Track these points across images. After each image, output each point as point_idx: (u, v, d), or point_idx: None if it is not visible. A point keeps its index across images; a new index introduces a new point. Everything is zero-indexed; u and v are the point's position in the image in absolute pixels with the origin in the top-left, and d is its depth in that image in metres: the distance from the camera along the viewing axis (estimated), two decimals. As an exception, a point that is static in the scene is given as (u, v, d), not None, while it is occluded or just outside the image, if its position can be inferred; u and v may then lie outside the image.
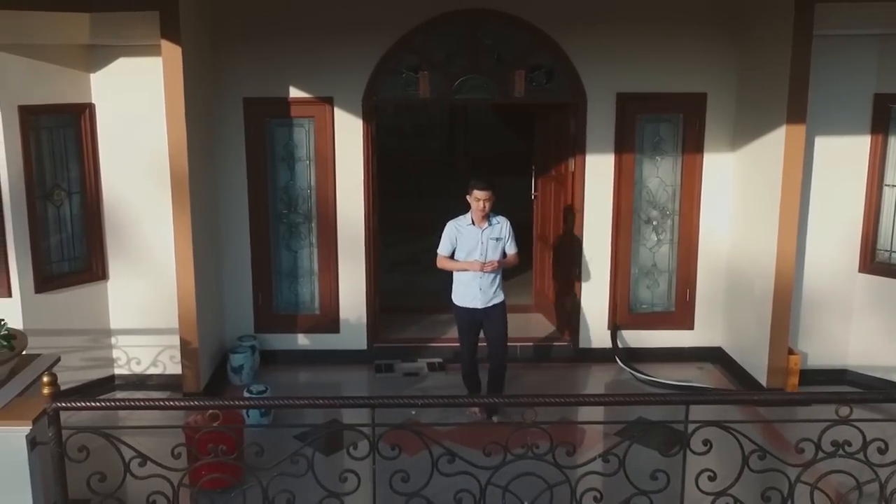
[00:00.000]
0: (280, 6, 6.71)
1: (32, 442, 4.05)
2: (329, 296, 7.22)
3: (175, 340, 6.48)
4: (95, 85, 6.40)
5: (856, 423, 3.97)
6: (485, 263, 5.77)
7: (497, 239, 5.89)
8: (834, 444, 3.97)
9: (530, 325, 7.78)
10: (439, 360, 7.20)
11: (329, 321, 7.24)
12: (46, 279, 6.23)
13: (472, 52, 6.84)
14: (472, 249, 5.86)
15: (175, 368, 6.59)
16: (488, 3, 6.70)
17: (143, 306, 6.67)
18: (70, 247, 6.48)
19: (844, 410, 3.89)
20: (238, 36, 6.75)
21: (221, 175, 6.91)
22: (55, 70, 6.16)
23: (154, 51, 6.13)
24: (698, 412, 4.02)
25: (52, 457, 3.99)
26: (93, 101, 6.41)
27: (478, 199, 5.75)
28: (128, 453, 3.94)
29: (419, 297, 8.42)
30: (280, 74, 6.84)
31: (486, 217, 5.83)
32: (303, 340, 7.27)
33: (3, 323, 4.19)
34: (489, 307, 5.96)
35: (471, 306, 5.95)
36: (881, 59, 6.31)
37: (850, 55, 6.34)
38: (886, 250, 6.53)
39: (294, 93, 6.88)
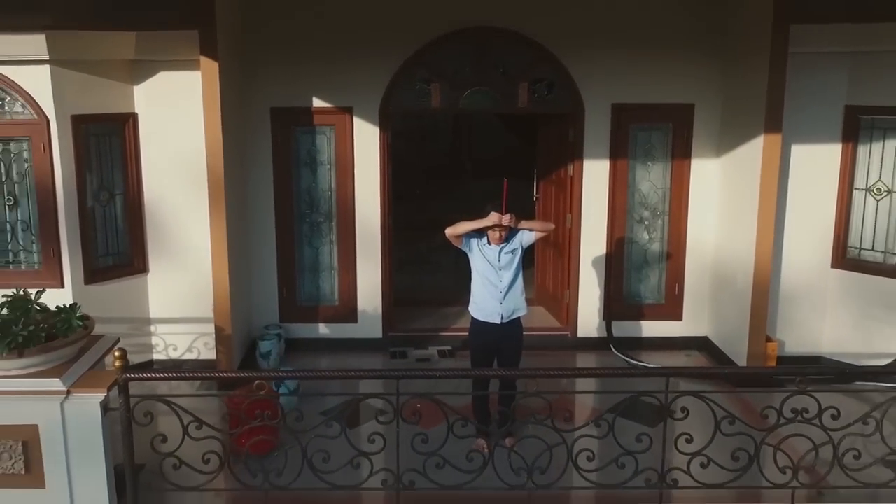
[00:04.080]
0: (304, 25, 7.35)
1: (105, 408, 4.70)
2: (347, 289, 7.87)
3: (208, 328, 7.13)
4: (138, 96, 7.05)
5: (813, 394, 4.65)
6: (497, 224, 5.59)
7: (513, 251, 5.76)
8: (794, 411, 4.63)
9: (533, 318, 8.36)
10: (449, 347, 7.84)
11: (347, 312, 7.89)
12: (94, 272, 6.88)
13: (479, 66, 7.48)
14: (485, 269, 5.75)
15: (208, 354, 7.24)
16: (494, 22, 7.34)
17: (179, 297, 7.32)
18: (114, 243, 7.14)
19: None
20: (266, 51, 7.39)
21: (251, 178, 7.56)
22: (103, 83, 6.81)
23: (192, 65, 6.77)
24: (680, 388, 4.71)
25: (121, 421, 4.66)
26: (136, 111, 7.07)
27: (496, 223, 5.62)
28: (186, 418, 4.61)
29: (429, 292, 9.06)
30: (304, 86, 7.49)
31: (505, 237, 5.74)
32: (323, 329, 7.92)
33: (77, 306, 4.84)
34: (510, 322, 5.80)
35: (486, 319, 5.80)
36: (851, 74, 6.95)
37: (822, 70, 6.98)
38: (856, 248, 7.17)
39: (317, 103, 7.53)
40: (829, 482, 4.92)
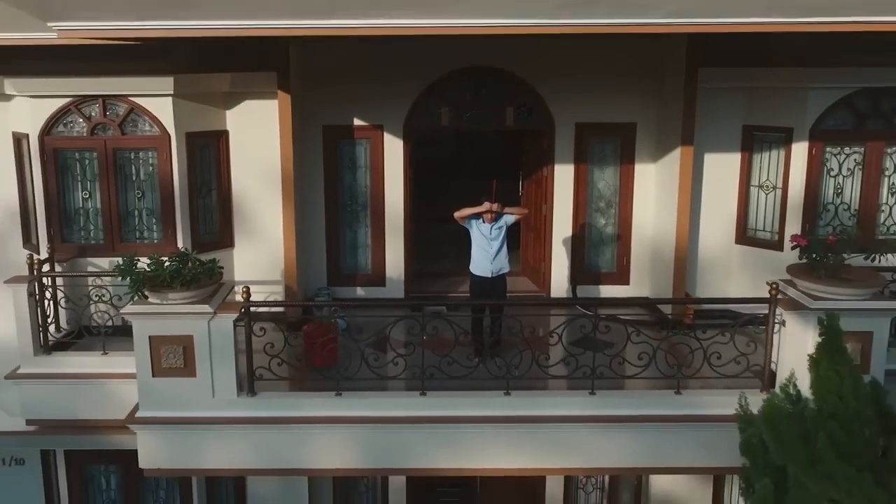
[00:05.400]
0: (347, 64, 9.93)
1: (235, 324, 7.34)
2: (378, 261, 10.46)
3: (277, 289, 9.75)
4: (229, 118, 9.67)
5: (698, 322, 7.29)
6: (488, 209, 8.17)
7: (500, 228, 8.36)
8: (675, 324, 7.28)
9: (518, 284, 11.00)
10: (454, 305, 10.43)
11: (378, 278, 10.48)
12: (198, 244, 9.45)
13: (477, 95, 10.07)
14: (480, 239, 8.35)
15: (277, 308, 9.84)
16: (488, 63, 9.91)
17: (255, 265, 9.91)
18: (211, 224, 9.76)
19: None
20: (320, 84, 9.97)
21: (308, 178, 10.13)
22: (206, 109, 9.44)
23: (268, 95, 9.39)
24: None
25: (245, 333, 7.32)
26: (227, 129, 9.70)
27: (489, 210, 8.32)
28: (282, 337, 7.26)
29: (438, 266, 11.68)
30: (347, 110, 10.09)
31: (494, 219, 8.38)
32: (360, 291, 10.52)
33: (217, 260, 7.47)
34: (497, 277, 8.45)
35: (481, 274, 8.44)
36: (746, 102, 9.55)
37: (726, 99, 9.56)
38: (753, 229, 9.78)
39: (356, 122, 10.14)
40: (701, 373, 7.51)
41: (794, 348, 7.12)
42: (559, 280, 10.55)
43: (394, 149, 10.17)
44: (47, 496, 10.48)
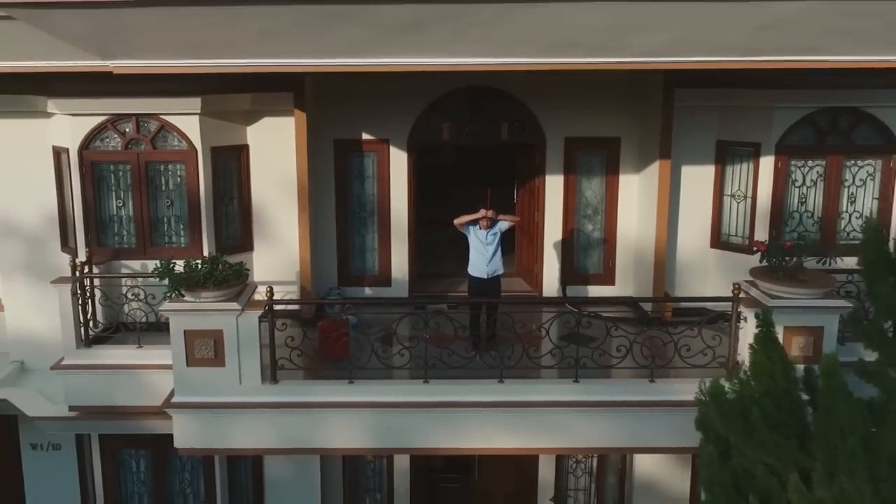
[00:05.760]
0: (357, 84, 10.86)
1: (259, 320, 8.30)
2: (384, 263, 11.41)
3: (292, 288, 10.70)
4: (250, 133, 10.62)
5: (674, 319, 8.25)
6: (483, 216, 9.18)
7: (494, 234, 9.42)
8: (651, 321, 8.24)
9: (513, 284, 11.97)
10: (454, 304, 11.39)
11: (384, 279, 11.43)
12: (221, 248, 10.39)
13: (474, 112, 11.03)
14: (477, 244, 9.41)
15: (293, 305, 10.80)
16: (485, 83, 10.84)
17: (273, 267, 10.84)
18: (233, 230, 10.71)
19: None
20: (332, 101, 10.93)
21: (320, 187, 11.08)
22: (229, 125, 10.39)
23: (285, 113, 10.32)
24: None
25: (269, 328, 8.28)
26: (248, 143, 10.66)
27: (485, 217, 9.38)
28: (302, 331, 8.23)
29: (439, 268, 12.64)
30: (356, 125, 11.05)
31: (489, 225, 9.43)
32: (368, 291, 11.48)
33: (243, 263, 8.44)
34: (493, 278, 9.56)
35: (478, 275, 9.50)
36: (719, 119, 10.50)
37: (701, 117, 10.50)
38: (726, 234, 10.73)
39: (365, 136, 11.09)
40: (673, 364, 8.47)
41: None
42: (550, 281, 11.50)
43: (399, 161, 11.12)
44: (81, 478, 11.46)
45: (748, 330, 8.22)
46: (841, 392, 5.36)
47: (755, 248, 8.52)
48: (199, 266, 8.28)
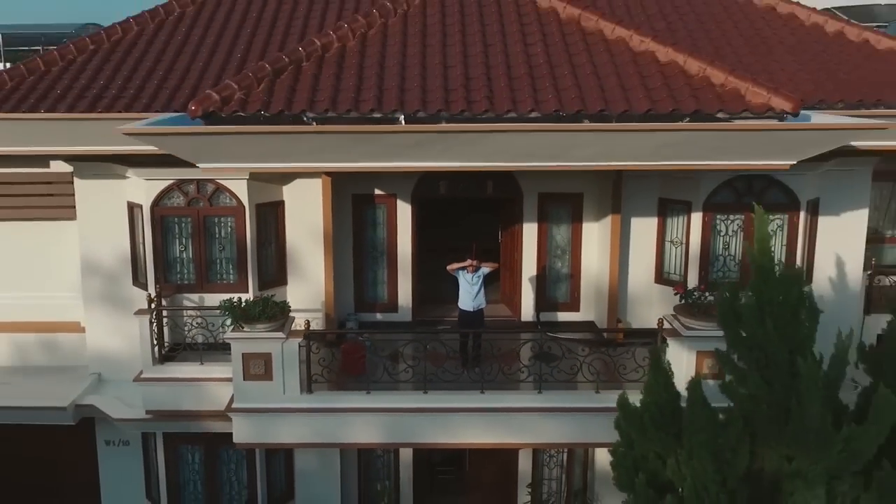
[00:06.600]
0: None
1: (299, 346, 10.95)
2: (392, 293, 14.00)
3: (318, 314, 13.34)
4: (285, 191, 13.27)
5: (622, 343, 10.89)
6: (469, 265, 11.86)
7: (479, 276, 12.19)
8: (594, 345, 10.86)
9: (497, 310, 14.59)
10: (448, 326, 14.03)
11: (392, 305, 14.04)
12: (263, 283, 13.05)
13: (467, 173, 13.64)
14: (465, 285, 12.16)
15: (318, 327, 13.41)
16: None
17: (302, 297, 13.44)
18: (271, 268, 13.35)
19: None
20: (350, 164, 13.57)
21: (341, 233, 13.68)
22: (269, 186, 13.02)
23: (314, 175, 12.97)
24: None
25: (306, 352, 10.94)
26: (283, 199, 13.31)
27: (471, 265, 12.11)
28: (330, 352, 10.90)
29: (438, 296, 15.28)
30: (370, 183, 13.62)
31: (474, 270, 12.14)
32: (378, 316, 14.10)
33: (286, 302, 11.09)
34: (477, 311, 12.27)
35: (466, 308, 12.30)
36: (661, 182, 13.06)
37: (647, 180, 13.06)
38: (667, 272, 13.34)
39: (377, 191, 13.71)
40: (613, 379, 11.07)
41: (673, 364, 10.69)
42: (527, 307, 14.13)
43: (404, 211, 13.74)
44: (146, 468, 14.12)
45: (670, 353, 10.85)
46: (699, 403, 7.93)
47: (675, 292, 11.12)
48: (254, 305, 10.92)
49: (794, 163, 9.78)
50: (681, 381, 9.88)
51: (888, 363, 8.44)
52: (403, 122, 9.08)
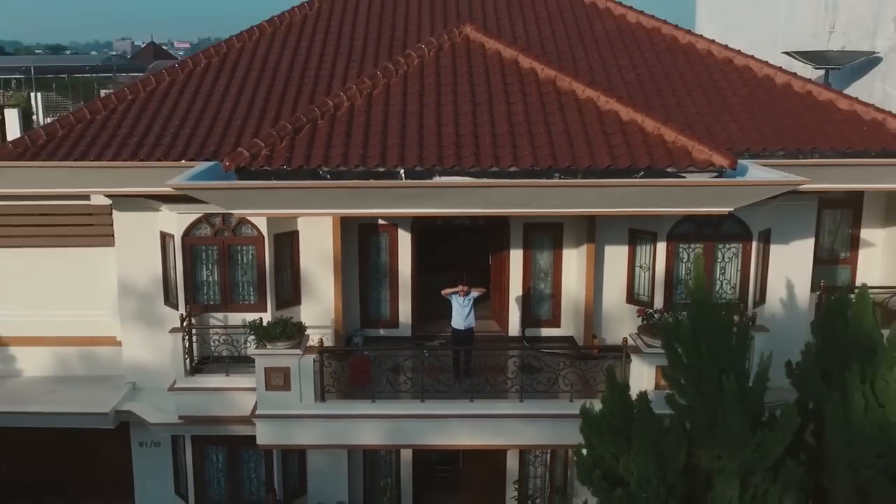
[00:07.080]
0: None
1: (314, 361, 12.71)
2: (394, 311, 15.75)
3: (328, 331, 15.10)
4: (300, 223, 15.01)
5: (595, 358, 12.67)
6: (461, 290, 13.68)
7: (469, 299, 13.95)
8: (576, 359, 12.63)
9: (488, 325, 16.33)
10: (444, 341, 15.76)
11: (394, 322, 15.78)
12: (279, 303, 14.80)
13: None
14: (457, 307, 13.96)
15: (329, 342, 15.16)
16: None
17: (314, 315, 15.18)
18: (287, 290, 15.10)
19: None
20: (357, 197, 15.33)
21: (348, 258, 15.43)
22: (286, 219, 14.79)
23: (324, 208, 14.74)
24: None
25: (320, 366, 12.71)
26: (298, 230, 15.06)
27: (462, 290, 13.92)
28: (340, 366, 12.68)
29: (434, 313, 17.04)
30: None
31: (465, 294, 13.99)
32: (381, 331, 15.85)
33: (302, 323, 12.86)
34: (467, 329, 14.02)
35: (458, 327, 14.12)
36: (631, 217, 14.85)
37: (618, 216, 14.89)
38: (636, 293, 15.08)
39: (380, 221, 15.47)
40: (584, 390, 12.82)
41: (636, 376, 12.46)
42: (514, 323, 15.88)
43: (405, 239, 15.50)
44: (175, 466, 15.90)
45: (632, 368, 12.60)
46: (645, 411, 9.68)
47: (637, 314, 12.88)
48: (275, 325, 12.68)
49: (732, 209, 11.53)
50: (644, 390, 11.65)
51: (805, 377, 10.20)
52: (404, 176, 10.86)
